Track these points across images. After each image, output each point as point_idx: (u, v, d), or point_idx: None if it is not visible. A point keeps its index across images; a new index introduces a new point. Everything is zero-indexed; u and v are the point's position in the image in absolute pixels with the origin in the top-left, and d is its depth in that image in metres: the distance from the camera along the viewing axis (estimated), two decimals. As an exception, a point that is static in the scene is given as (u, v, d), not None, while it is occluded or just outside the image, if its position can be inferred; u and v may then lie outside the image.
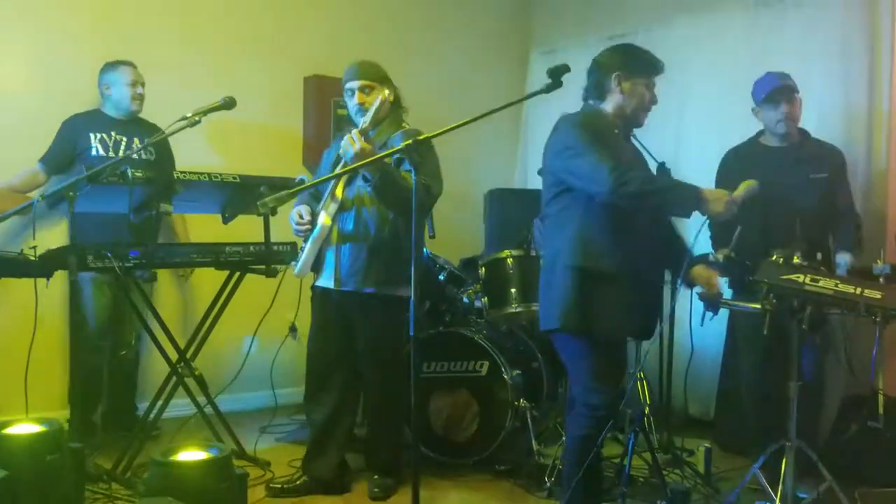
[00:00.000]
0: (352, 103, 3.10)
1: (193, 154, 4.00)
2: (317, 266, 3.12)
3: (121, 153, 3.67)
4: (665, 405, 3.84)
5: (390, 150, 2.53)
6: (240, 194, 3.24)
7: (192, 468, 1.92)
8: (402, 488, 3.10)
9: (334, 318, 3.13)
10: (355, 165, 2.74)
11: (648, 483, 3.21)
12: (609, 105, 2.63)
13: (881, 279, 2.89)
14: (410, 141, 2.33)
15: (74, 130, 3.74)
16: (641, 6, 4.72)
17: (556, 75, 2.55)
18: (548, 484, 3.12)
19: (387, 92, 2.97)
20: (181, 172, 3.19)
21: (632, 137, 3.04)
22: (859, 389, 3.40)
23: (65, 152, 3.72)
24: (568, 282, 2.51)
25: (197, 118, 3.02)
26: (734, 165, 3.47)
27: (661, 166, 4.09)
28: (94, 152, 3.68)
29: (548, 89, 2.56)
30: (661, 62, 2.67)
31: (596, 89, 2.65)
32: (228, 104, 3.07)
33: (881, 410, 2.94)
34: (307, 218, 3.04)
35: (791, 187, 3.27)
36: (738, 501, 2.95)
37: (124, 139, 3.75)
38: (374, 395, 3.21)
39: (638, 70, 2.61)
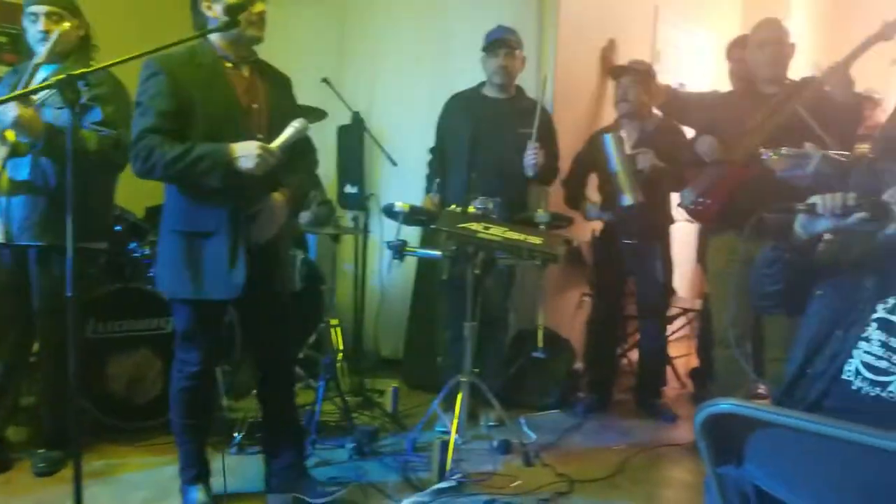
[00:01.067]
0: (34, 30, 2.69)
1: None
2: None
3: None
4: (356, 349, 3.96)
5: (36, 86, 2.20)
6: None
7: None
8: (71, 461, 2.83)
9: (4, 276, 2.75)
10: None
11: (339, 426, 3.29)
12: (214, 34, 2.38)
13: (542, 227, 3.21)
14: (63, 75, 2.05)
15: None
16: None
17: (234, 13, 2.40)
18: (237, 438, 3.06)
19: (76, 23, 2.62)
20: None
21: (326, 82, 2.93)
22: (525, 325, 3.80)
23: None
24: (166, 244, 2.42)
25: None
26: (456, 110, 3.61)
27: (356, 116, 4.16)
28: None
29: (225, 27, 2.41)
30: None
31: (195, 21, 2.41)
32: None
33: (541, 343, 3.29)
34: None
35: (500, 139, 3.46)
36: (423, 435, 3.14)
37: None
38: (47, 359, 2.88)
39: None
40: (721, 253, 3.27)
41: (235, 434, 3.07)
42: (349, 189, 4.33)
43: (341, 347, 3.84)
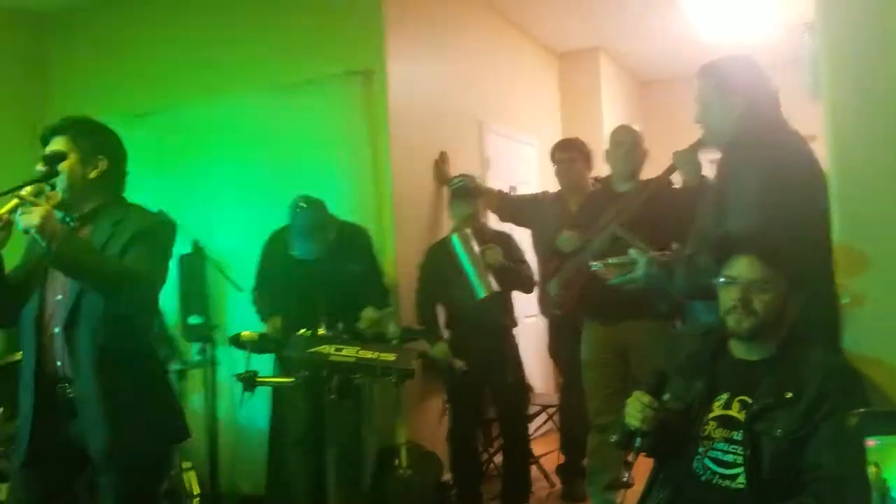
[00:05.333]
0: None
1: None
2: None
3: None
4: (214, 492, 3.71)
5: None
6: None
7: None
8: None
9: None
10: None
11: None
12: None
13: (394, 342, 3.21)
14: None
15: None
16: (162, 86, 4.61)
17: (52, 163, 2.27)
18: None
19: None
20: None
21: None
22: (387, 443, 3.72)
23: None
24: None
25: None
26: (275, 246, 3.64)
27: (196, 243, 4.04)
28: None
29: (42, 178, 2.29)
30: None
31: None
32: None
33: (405, 461, 3.23)
34: None
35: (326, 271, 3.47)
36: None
37: None
38: None
39: None
40: (589, 343, 3.43)
41: None
42: (193, 320, 4.16)
43: (197, 492, 3.58)
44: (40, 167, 2.17)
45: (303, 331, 3.13)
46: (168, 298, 4.18)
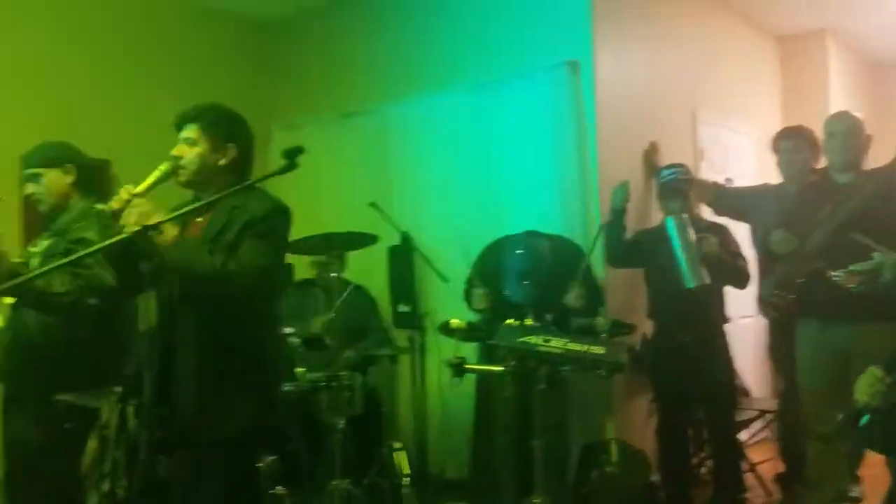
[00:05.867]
0: None
1: None
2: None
3: None
4: (421, 472, 3.83)
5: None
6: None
7: None
8: None
9: None
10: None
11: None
12: None
13: (603, 335, 3.14)
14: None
15: None
16: (373, 84, 4.83)
17: (291, 157, 2.48)
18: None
19: None
20: None
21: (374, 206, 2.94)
22: (594, 437, 3.65)
23: None
24: None
25: None
26: (487, 264, 3.70)
27: (405, 236, 4.21)
28: None
29: (282, 171, 2.48)
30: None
31: None
32: None
33: (614, 458, 3.15)
34: None
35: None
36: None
37: None
38: None
39: None
40: (806, 345, 3.19)
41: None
42: (402, 308, 4.35)
43: (407, 472, 3.72)
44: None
45: (510, 320, 3.16)
46: (379, 288, 4.41)
